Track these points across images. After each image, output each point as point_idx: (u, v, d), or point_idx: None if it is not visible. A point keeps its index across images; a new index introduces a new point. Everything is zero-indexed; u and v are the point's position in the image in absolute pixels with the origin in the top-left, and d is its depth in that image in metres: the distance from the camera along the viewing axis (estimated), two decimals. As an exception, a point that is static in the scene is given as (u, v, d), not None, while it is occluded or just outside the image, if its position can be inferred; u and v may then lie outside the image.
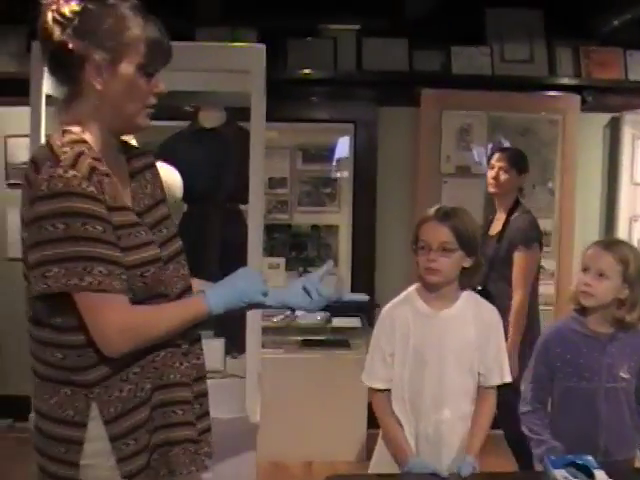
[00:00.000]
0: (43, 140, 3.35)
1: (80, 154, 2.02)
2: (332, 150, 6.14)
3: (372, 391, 3.01)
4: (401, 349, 2.91)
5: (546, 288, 5.82)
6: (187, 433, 2.23)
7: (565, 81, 5.91)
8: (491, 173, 4.69)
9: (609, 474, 2.51)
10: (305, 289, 2.30)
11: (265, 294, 2.21)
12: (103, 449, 2.09)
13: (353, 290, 5.96)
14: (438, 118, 5.80)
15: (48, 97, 3.38)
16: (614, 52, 5.99)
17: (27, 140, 3.61)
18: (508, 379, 2.97)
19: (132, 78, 2.12)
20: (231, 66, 3.48)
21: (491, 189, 4.71)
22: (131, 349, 2.05)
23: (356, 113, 5.88)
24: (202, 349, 2.35)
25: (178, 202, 3.69)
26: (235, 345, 4.05)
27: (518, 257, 4.53)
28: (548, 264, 5.82)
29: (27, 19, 5.62)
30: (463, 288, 2.98)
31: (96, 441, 2.09)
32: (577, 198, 5.93)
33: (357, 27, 5.90)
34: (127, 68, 2.11)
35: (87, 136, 2.11)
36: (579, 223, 5.92)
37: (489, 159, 4.82)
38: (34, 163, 2.05)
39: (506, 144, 5.79)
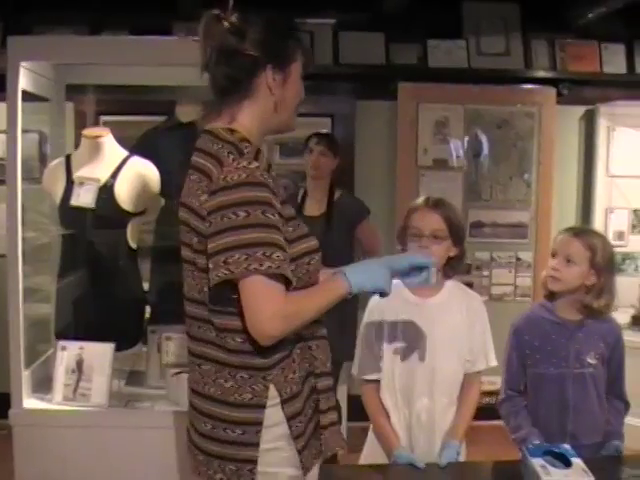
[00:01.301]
0: (19, 136, 3.34)
1: (259, 149, 2.19)
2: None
3: (361, 383, 3.04)
4: (391, 339, 2.95)
5: (523, 280, 5.87)
6: (332, 417, 2.39)
7: (541, 74, 5.96)
8: (312, 157, 4.82)
9: (586, 462, 2.54)
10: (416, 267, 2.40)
11: (389, 285, 2.31)
12: (283, 431, 2.22)
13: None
14: (415, 111, 5.82)
15: (24, 93, 3.37)
16: (589, 45, 6.03)
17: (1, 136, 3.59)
18: (493, 363, 3.02)
19: (298, 81, 2.34)
20: (208, 60, 3.48)
21: (313, 172, 4.78)
22: (281, 336, 2.14)
23: (333, 107, 5.88)
24: None
25: (156, 196, 3.69)
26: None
27: (368, 227, 4.88)
28: (525, 256, 5.87)
29: (1, 14, 5.56)
30: (447, 277, 3.02)
31: (276, 425, 2.22)
32: (553, 190, 5.97)
33: (334, 21, 5.89)
34: (295, 73, 2.31)
35: (247, 135, 2.24)
36: (555, 215, 5.96)
37: (306, 143, 4.91)
38: (215, 158, 2.18)
39: (482, 137, 5.84)
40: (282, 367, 2.22)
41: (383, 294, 2.33)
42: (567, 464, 2.52)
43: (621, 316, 5.74)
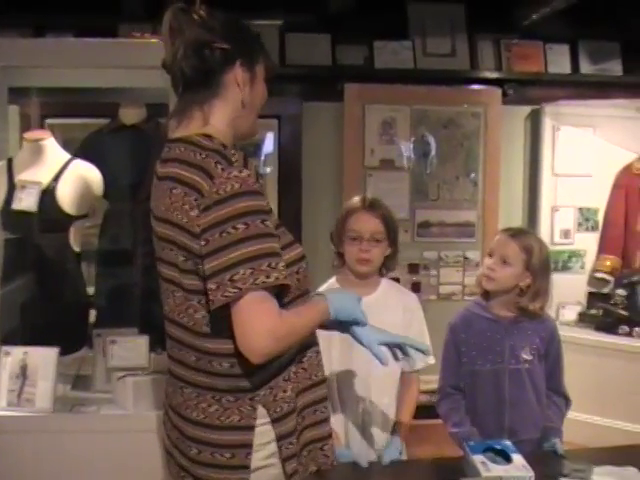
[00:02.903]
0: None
1: (246, 155, 2.05)
2: (258, 146, 6.11)
3: None
4: (327, 338, 2.93)
5: (471, 279, 5.89)
6: (328, 429, 2.28)
7: (486, 74, 6.00)
8: None
9: (527, 457, 2.57)
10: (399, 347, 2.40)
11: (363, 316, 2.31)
12: (274, 450, 2.10)
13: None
14: (361, 112, 5.83)
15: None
16: (534, 45, 6.11)
17: None
18: (432, 361, 3.04)
19: (262, 83, 2.23)
20: (151, 62, 3.45)
21: None
22: (271, 355, 2.01)
23: (280, 108, 5.85)
24: None
25: (99, 199, 3.68)
26: (159, 341, 4.04)
27: None
28: (472, 255, 5.90)
29: None
30: (381, 275, 3.05)
31: (268, 443, 2.10)
32: (500, 189, 6.02)
33: (280, 22, 5.88)
34: (260, 73, 2.21)
35: (224, 140, 2.12)
36: (502, 214, 6.00)
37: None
38: (201, 169, 2.02)
39: (430, 137, 5.87)
40: (270, 387, 2.11)
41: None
42: (508, 460, 2.56)
43: (568, 313, 5.85)
